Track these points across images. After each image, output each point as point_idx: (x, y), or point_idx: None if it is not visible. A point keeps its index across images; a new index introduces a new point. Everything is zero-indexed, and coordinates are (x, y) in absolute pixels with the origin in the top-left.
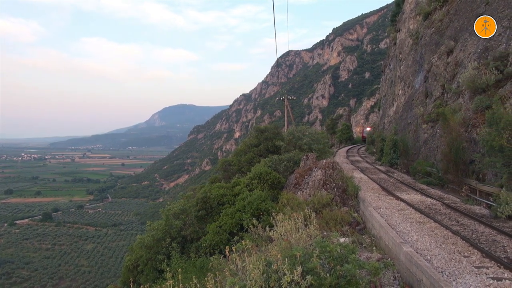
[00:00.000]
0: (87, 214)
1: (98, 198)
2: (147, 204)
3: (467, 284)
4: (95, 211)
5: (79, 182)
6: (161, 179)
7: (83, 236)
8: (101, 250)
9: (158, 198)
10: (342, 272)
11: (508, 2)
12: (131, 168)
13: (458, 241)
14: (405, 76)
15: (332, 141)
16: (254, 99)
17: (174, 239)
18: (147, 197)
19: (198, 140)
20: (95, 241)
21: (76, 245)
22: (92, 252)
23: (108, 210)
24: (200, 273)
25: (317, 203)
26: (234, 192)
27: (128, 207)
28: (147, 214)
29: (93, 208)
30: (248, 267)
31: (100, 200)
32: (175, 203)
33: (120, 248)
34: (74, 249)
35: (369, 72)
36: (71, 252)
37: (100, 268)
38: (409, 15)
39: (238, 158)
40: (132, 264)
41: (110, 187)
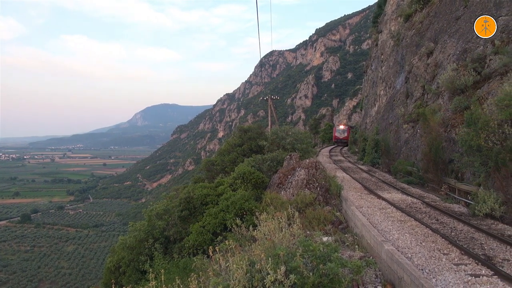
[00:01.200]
0: (67, 215)
1: (79, 199)
2: (129, 205)
3: (447, 281)
4: (76, 212)
5: (59, 182)
6: (143, 179)
7: (64, 238)
8: (82, 251)
9: (141, 198)
10: (325, 270)
11: (485, 5)
12: (113, 168)
13: (437, 239)
14: (387, 77)
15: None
16: (237, 98)
17: (157, 239)
18: (129, 198)
19: (181, 140)
20: (75, 243)
21: (56, 247)
22: (72, 254)
23: (89, 211)
24: (183, 274)
25: (300, 203)
26: (218, 192)
27: (110, 207)
28: (129, 214)
29: (74, 209)
30: (231, 267)
31: (81, 200)
32: (158, 204)
33: (101, 249)
34: (54, 251)
35: (352, 72)
36: (51, 254)
37: (81, 270)
38: (391, 16)
39: (221, 158)
40: (114, 266)
41: (91, 188)
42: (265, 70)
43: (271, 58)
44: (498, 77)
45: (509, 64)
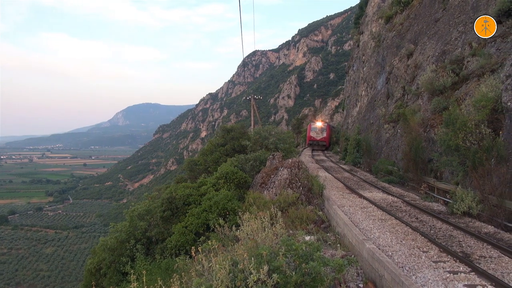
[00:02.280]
0: (46, 216)
1: (58, 200)
2: (111, 205)
3: (426, 278)
4: (55, 213)
5: (38, 183)
6: (125, 180)
7: (42, 240)
8: (61, 253)
9: (122, 199)
10: (307, 270)
11: (463, 8)
12: (94, 169)
13: (417, 237)
14: (368, 78)
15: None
16: (220, 98)
17: (139, 240)
18: (111, 198)
19: (164, 140)
20: (55, 244)
21: (35, 249)
22: (52, 256)
23: (69, 212)
24: (166, 275)
25: (283, 202)
26: (200, 192)
27: (90, 208)
28: (110, 215)
29: (53, 210)
30: (214, 267)
31: (60, 201)
32: (140, 204)
33: (81, 251)
34: (32, 253)
35: (334, 73)
36: (29, 257)
37: (60, 272)
38: (372, 18)
39: (204, 157)
40: (95, 267)
41: (71, 188)
42: (248, 70)
43: (254, 58)
44: (475, 78)
45: (485, 66)
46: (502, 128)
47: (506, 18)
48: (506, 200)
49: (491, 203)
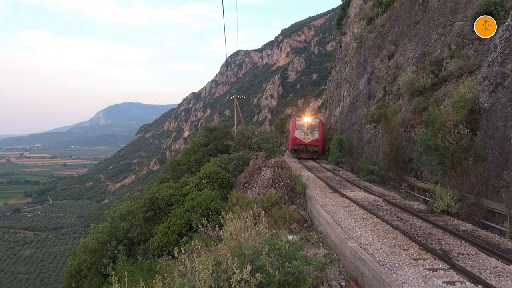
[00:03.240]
0: (24, 217)
1: (37, 201)
2: (91, 206)
3: (406, 276)
4: (34, 215)
5: (16, 184)
6: (106, 180)
7: (20, 242)
8: (40, 255)
9: (103, 199)
10: (290, 269)
11: (442, 11)
12: (74, 169)
13: (398, 235)
14: (350, 78)
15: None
16: (203, 98)
17: (121, 241)
18: (91, 199)
19: (146, 140)
20: (34, 246)
21: (13, 251)
22: (30, 258)
23: (48, 213)
24: (148, 276)
25: (266, 202)
26: (183, 192)
27: (70, 209)
28: (91, 216)
29: (32, 211)
30: (197, 268)
31: (39, 202)
32: (121, 204)
33: (61, 253)
34: (10, 255)
35: (317, 73)
36: (6, 259)
37: (39, 274)
38: (354, 19)
39: (187, 157)
40: (75, 269)
41: (50, 189)
42: (231, 70)
43: (237, 57)
44: (454, 79)
45: (464, 68)
46: (479, 128)
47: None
48: (483, 198)
49: (469, 202)
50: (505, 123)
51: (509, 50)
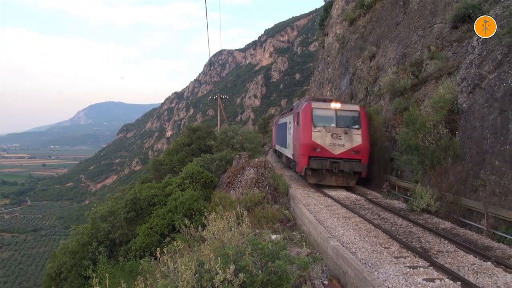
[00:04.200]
0: (2, 219)
1: (15, 202)
2: (72, 207)
3: (387, 273)
4: (12, 216)
5: None
6: (87, 180)
7: None
8: (18, 258)
9: (84, 200)
10: (273, 268)
11: (422, 13)
12: (54, 169)
13: (379, 233)
14: (333, 78)
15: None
16: (186, 97)
17: (102, 242)
18: (72, 200)
19: (128, 139)
20: (11, 249)
21: None
22: (8, 261)
23: (26, 214)
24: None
25: (249, 202)
26: (166, 192)
27: (50, 210)
28: (71, 217)
29: (10, 212)
30: (180, 268)
31: (17, 203)
32: (103, 205)
33: (40, 255)
34: None
35: (300, 73)
36: None
37: (17, 277)
38: (336, 20)
39: (169, 157)
40: (55, 271)
41: (29, 190)
42: (214, 69)
43: (220, 57)
44: (433, 80)
45: (443, 69)
46: (458, 129)
47: (461, 23)
48: (462, 197)
49: (448, 200)
50: (482, 123)
51: (486, 52)
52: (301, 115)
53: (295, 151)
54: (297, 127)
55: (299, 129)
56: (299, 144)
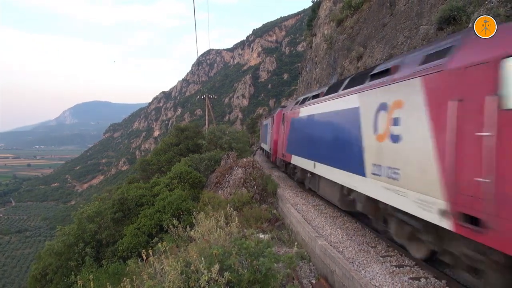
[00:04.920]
0: None
1: None
2: (57, 208)
3: (374, 272)
4: None
5: None
6: (73, 181)
7: None
8: (2, 259)
9: (70, 200)
10: (258, 266)
11: (408, 15)
12: (39, 169)
13: (366, 233)
14: (320, 79)
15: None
16: (174, 97)
17: (88, 243)
18: (57, 200)
19: (115, 139)
20: None
21: None
22: None
23: (11, 215)
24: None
25: (237, 201)
26: (153, 192)
27: (35, 211)
28: (57, 218)
29: None
30: (166, 269)
31: (1, 204)
32: (89, 206)
33: (25, 256)
34: None
35: (288, 73)
36: None
37: (1, 279)
38: (324, 20)
39: (157, 157)
40: (40, 273)
41: (13, 190)
42: (202, 69)
43: (208, 57)
44: None
45: None
46: None
47: (446, 25)
48: None
49: None
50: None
51: None
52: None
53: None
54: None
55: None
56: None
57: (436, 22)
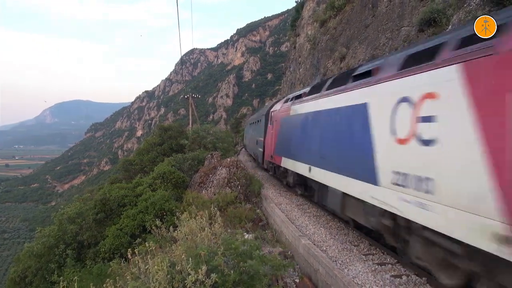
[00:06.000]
0: None
1: None
2: (37, 209)
3: (357, 270)
4: None
5: None
6: (53, 181)
7: None
8: None
9: (50, 201)
10: (245, 268)
11: (390, 16)
12: (18, 170)
13: (349, 232)
14: (304, 79)
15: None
16: (157, 96)
17: (69, 245)
18: (37, 201)
19: (96, 139)
20: None
21: None
22: None
23: None
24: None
25: (221, 201)
26: (136, 193)
27: (13, 212)
28: (37, 219)
29: None
30: (151, 269)
31: None
32: (70, 206)
33: (3, 259)
34: None
35: (272, 73)
36: None
37: None
38: (307, 21)
39: (140, 157)
40: (19, 276)
41: None
42: (186, 68)
43: (192, 56)
44: None
45: None
46: None
47: (427, 27)
48: None
49: None
50: None
51: None
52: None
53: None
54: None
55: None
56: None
57: (417, 24)
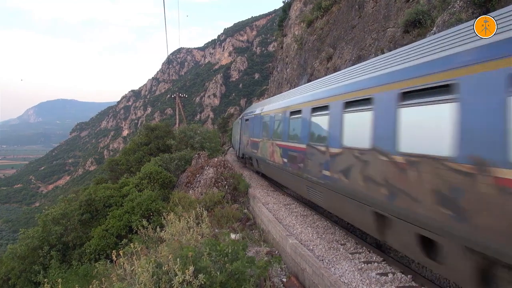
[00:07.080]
0: None
1: None
2: (20, 210)
3: (343, 269)
4: None
5: None
6: (37, 181)
7: None
8: None
9: (34, 202)
10: (231, 269)
11: (376, 17)
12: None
13: (336, 230)
14: (291, 79)
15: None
16: (144, 96)
17: (54, 246)
18: (21, 202)
19: (82, 138)
20: None
21: None
22: None
23: None
24: (84, 282)
25: (209, 201)
26: (122, 193)
27: None
28: (20, 221)
29: None
30: (137, 271)
31: None
32: (55, 207)
33: None
34: None
35: (259, 73)
36: None
37: None
38: (294, 21)
39: (126, 157)
40: (2, 278)
41: None
42: (173, 68)
43: (179, 55)
44: None
45: None
46: None
47: (412, 28)
48: None
49: None
50: None
51: None
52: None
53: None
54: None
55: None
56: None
57: (403, 25)
